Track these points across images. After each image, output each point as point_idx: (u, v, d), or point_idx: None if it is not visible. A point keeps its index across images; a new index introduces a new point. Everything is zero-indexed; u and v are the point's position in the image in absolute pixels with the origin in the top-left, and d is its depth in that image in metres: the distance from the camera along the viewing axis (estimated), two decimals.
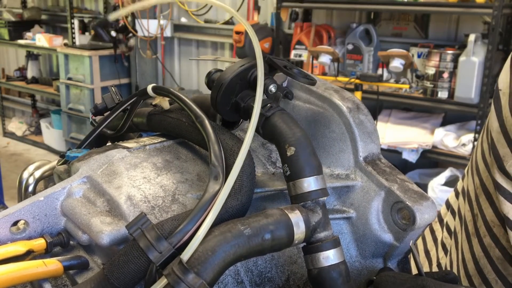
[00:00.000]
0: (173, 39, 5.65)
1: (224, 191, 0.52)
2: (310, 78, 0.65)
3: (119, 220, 0.58)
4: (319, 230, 0.56)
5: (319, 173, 0.57)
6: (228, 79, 0.61)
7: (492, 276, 0.87)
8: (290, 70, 0.64)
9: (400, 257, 0.65)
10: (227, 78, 0.62)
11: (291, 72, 0.64)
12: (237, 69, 0.62)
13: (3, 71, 7.17)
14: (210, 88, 0.65)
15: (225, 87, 0.62)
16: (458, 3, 3.49)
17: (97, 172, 0.64)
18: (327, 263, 0.56)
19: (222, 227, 0.51)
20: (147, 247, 0.50)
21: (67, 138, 6.14)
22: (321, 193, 0.57)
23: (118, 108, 0.76)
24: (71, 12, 6.16)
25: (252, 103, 0.61)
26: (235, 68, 0.62)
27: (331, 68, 4.14)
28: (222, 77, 0.62)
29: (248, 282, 0.61)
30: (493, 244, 0.86)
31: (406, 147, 3.63)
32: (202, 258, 0.48)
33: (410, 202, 0.60)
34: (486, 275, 0.88)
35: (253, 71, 0.63)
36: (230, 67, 0.63)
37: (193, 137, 0.66)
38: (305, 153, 0.57)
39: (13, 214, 0.61)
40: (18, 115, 7.68)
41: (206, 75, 0.65)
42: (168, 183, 0.63)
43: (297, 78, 0.64)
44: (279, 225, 0.53)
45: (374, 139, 0.67)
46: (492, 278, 0.86)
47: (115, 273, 0.50)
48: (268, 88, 0.62)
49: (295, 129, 0.58)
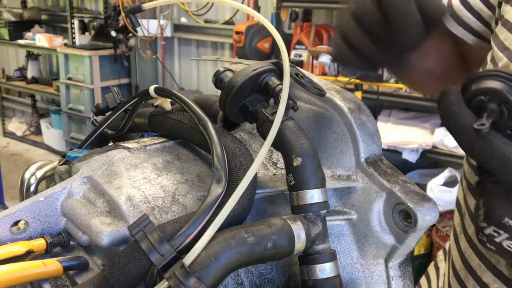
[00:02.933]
0: (173, 39, 5.65)
1: (232, 199, 0.52)
2: (320, 89, 0.65)
3: (119, 221, 0.58)
4: (317, 242, 0.57)
5: (323, 186, 0.58)
6: (240, 82, 0.61)
7: (475, 263, 0.88)
8: (302, 79, 0.64)
9: (401, 259, 0.65)
10: (239, 82, 0.61)
11: (302, 82, 0.63)
12: (249, 73, 0.62)
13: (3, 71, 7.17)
14: (218, 86, 0.64)
15: (236, 90, 0.61)
16: None
17: (97, 173, 0.64)
18: (322, 275, 0.56)
19: (226, 233, 0.51)
20: (149, 249, 0.49)
21: (67, 138, 6.14)
22: (323, 206, 0.58)
23: (119, 109, 0.76)
24: (71, 12, 6.16)
25: (261, 108, 0.62)
26: (248, 72, 0.62)
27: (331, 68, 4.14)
28: (233, 80, 0.62)
29: (248, 283, 0.61)
30: None
31: (406, 147, 3.63)
32: (204, 263, 0.49)
33: (411, 204, 0.60)
34: (470, 264, 0.90)
35: (265, 76, 0.62)
36: (242, 70, 0.62)
37: (194, 139, 0.66)
38: (311, 165, 0.57)
39: (13, 214, 0.61)
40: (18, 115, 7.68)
41: (214, 74, 0.65)
42: (168, 184, 0.63)
43: (308, 89, 0.64)
44: (282, 235, 0.53)
45: (375, 140, 0.67)
46: (476, 264, 0.88)
47: (115, 275, 0.50)
48: (279, 95, 0.61)
49: (303, 139, 0.58)
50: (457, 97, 0.60)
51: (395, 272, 0.65)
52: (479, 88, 0.59)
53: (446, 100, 0.61)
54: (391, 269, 0.65)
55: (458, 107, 0.59)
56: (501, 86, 0.58)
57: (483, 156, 0.57)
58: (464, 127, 0.58)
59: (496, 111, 0.58)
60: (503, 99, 0.57)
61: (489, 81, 0.59)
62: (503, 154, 0.56)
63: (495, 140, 0.57)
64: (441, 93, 0.62)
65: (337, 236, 0.66)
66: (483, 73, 0.60)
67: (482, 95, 0.59)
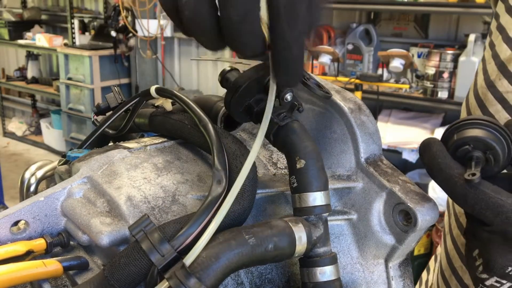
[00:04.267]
0: (173, 39, 5.65)
1: (229, 198, 0.52)
2: (326, 91, 0.65)
3: (119, 221, 0.58)
4: (319, 245, 0.57)
5: (326, 189, 0.58)
6: (246, 83, 0.61)
7: (458, 264, 0.89)
8: (308, 80, 0.63)
9: (401, 259, 0.65)
10: (245, 83, 0.61)
11: (309, 84, 0.63)
12: (256, 73, 0.61)
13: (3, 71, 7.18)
14: (223, 86, 0.64)
15: (241, 90, 0.61)
16: (458, 3, 3.49)
17: (97, 173, 0.64)
18: (323, 278, 0.56)
19: (227, 234, 0.51)
20: (150, 250, 0.49)
21: (67, 138, 6.14)
22: (325, 209, 0.57)
23: (120, 109, 0.76)
24: (71, 12, 6.17)
25: None
26: (254, 72, 0.61)
27: (331, 68, 4.15)
28: (239, 80, 0.62)
29: (248, 283, 0.61)
30: (459, 232, 0.89)
31: (406, 147, 3.63)
32: (205, 264, 0.48)
33: (411, 204, 0.60)
34: (454, 264, 0.91)
35: None
36: (248, 70, 0.62)
37: (195, 140, 0.66)
38: (315, 167, 0.57)
39: (13, 214, 0.60)
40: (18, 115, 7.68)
41: (220, 73, 0.64)
42: (169, 184, 0.63)
43: (315, 91, 0.64)
44: (283, 237, 0.53)
45: (375, 140, 0.67)
46: (458, 265, 0.89)
47: (115, 275, 0.50)
48: (284, 96, 0.60)
49: (307, 142, 0.58)
50: (441, 149, 0.60)
51: (395, 272, 0.65)
52: (462, 137, 0.59)
53: (430, 152, 0.60)
54: (391, 269, 0.65)
55: (444, 159, 0.59)
56: (483, 134, 0.58)
57: (478, 207, 0.57)
58: (454, 180, 0.58)
59: (482, 158, 0.58)
60: (488, 147, 0.58)
61: (470, 130, 0.59)
62: (497, 203, 0.56)
63: (486, 190, 0.56)
64: (423, 145, 0.62)
65: (337, 236, 0.66)
66: (462, 122, 0.60)
67: (466, 144, 0.59)
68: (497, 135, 0.58)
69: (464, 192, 0.57)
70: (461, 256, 0.88)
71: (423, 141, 0.63)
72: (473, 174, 0.56)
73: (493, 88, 0.79)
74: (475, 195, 0.57)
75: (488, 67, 0.81)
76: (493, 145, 0.58)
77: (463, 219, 0.87)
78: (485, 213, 0.57)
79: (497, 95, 0.78)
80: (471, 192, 0.57)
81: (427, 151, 0.61)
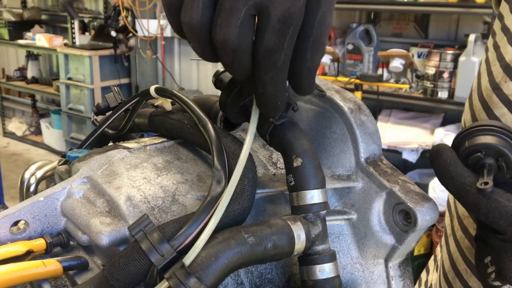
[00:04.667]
0: (173, 39, 5.65)
1: (225, 196, 0.52)
2: (320, 90, 0.65)
3: (119, 221, 0.58)
4: (317, 243, 0.57)
5: (323, 187, 0.58)
6: (240, 84, 0.61)
7: (462, 267, 0.88)
8: None
9: (401, 258, 0.65)
10: (239, 83, 0.61)
11: None
12: None
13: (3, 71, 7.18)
14: (217, 87, 0.64)
15: (235, 92, 0.61)
16: (458, 3, 3.49)
17: (97, 173, 0.64)
18: (322, 276, 0.56)
19: (226, 233, 0.51)
20: (149, 250, 0.49)
21: (67, 138, 6.14)
22: (323, 207, 0.58)
23: (120, 108, 0.76)
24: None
25: None
26: None
27: (331, 68, 4.15)
28: (233, 81, 0.62)
29: (248, 283, 0.61)
30: (463, 235, 0.88)
31: (406, 147, 3.63)
32: (204, 263, 0.49)
33: (411, 204, 0.60)
34: (458, 267, 0.90)
35: None
36: None
37: (195, 140, 0.66)
38: (312, 165, 0.57)
39: (13, 214, 0.60)
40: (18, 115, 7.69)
41: (214, 74, 0.64)
42: (168, 184, 0.63)
43: None
44: (282, 235, 0.53)
45: (375, 139, 0.67)
46: (463, 268, 0.88)
47: (115, 275, 0.50)
48: None
49: (303, 140, 0.58)
50: (452, 156, 0.59)
51: (395, 272, 0.65)
52: (473, 144, 0.59)
53: (441, 160, 0.59)
54: (391, 269, 0.65)
55: (455, 167, 0.58)
56: (495, 140, 0.57)
57: (491, 216, 0.56)
58: (466, 189, 0.57)
59: (494, 166, 0.57)
60: (500, 154, 0.57)
61: (482, 137, 0.58)
62: (511, 212, 0.55)
63: (500, 198, 0.56)
64: (434, 152, 0.61)
65: (337, 236, 0.66)
66: (473, 128, 0.59)
67: (478, 152, 0.58)
68: (509, 141, 0.57)
69: (476, 201, 0.57)
70: (466, 259, 0.87)
71: (433, 147, 0.62)
72: (486, 183, 0.55)
73: (499, 90, 0.78)
74: (488, 204, 0.56)
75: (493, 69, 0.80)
76: (505, 152, 0.57)
77: (467, 221, 0.86)
78: (499, 222, 0.56)
79: (502, 97, 0.77)
80: (484, 201, 0.56)
81: (438, 158, 0.60)
